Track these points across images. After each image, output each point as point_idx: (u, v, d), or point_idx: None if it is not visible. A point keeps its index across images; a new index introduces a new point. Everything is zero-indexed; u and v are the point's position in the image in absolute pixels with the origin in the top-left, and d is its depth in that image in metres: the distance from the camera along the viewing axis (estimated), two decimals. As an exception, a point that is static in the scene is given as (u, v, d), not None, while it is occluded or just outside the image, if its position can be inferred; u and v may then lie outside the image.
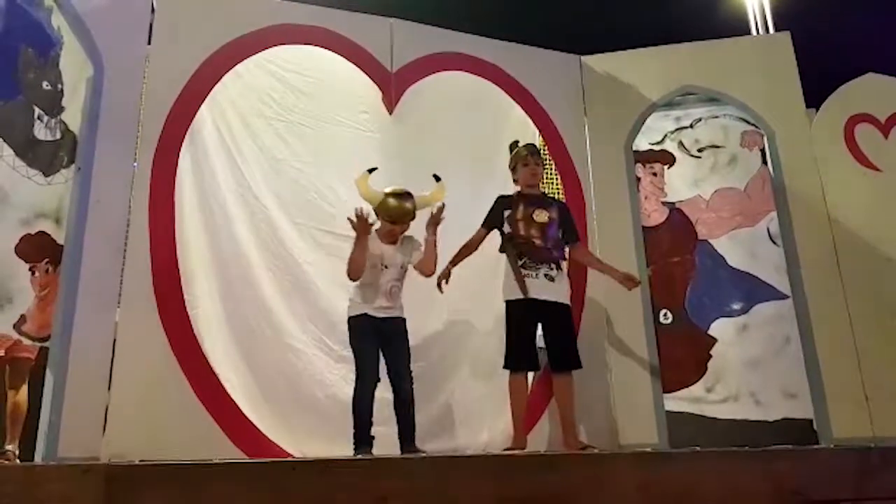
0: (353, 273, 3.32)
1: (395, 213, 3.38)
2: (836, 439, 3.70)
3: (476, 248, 3.62)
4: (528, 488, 1.86)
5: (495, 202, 3.65)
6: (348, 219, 3.27)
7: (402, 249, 3.44)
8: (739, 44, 4.56)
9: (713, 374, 4.28)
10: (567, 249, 3.67)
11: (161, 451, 2.78)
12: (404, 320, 3.40)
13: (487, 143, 4.39)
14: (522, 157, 3.69)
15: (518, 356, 3.43)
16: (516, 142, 3.82)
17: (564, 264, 3.64)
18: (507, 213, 3.59)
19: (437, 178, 3.60)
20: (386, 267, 3.37)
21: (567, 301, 3.57)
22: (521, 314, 3.45)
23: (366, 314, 3.31)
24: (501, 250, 3.58)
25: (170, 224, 3.43)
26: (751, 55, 4.50)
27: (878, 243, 4.05)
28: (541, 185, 3.83)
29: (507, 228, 3.58)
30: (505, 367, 3.45)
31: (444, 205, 3.44)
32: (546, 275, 3.48)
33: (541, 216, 3.53)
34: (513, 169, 3.74)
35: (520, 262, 3.48)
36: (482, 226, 3.63)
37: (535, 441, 3.68)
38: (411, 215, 3.42)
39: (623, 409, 3.95)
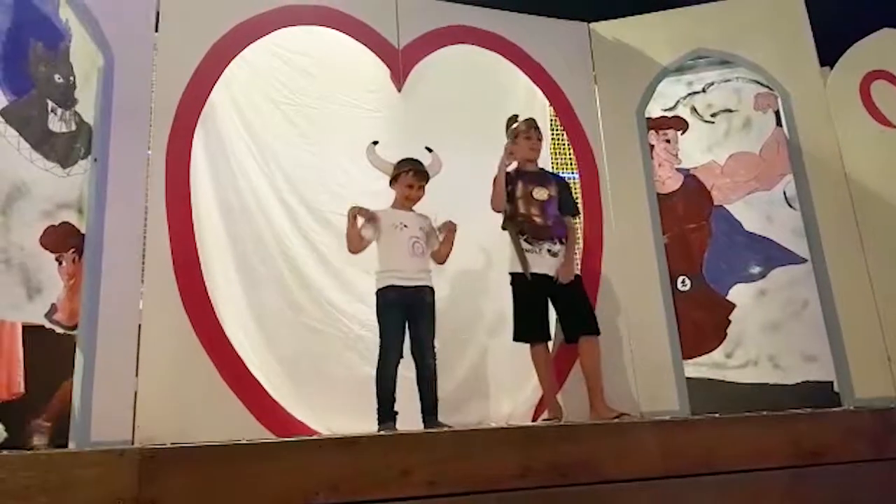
0: (350, 246, 3.39)
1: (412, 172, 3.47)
2: (858, 400, 3.69)
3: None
4: (551, 458, 1.89)
5: None
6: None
7: (418, 218, 3.48)
8: (750, 3, 4.47)
9: (733, 339, 4.28)
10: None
11: (190, 433, 2.85)
12: (432, 290, 3.41)
13: (496, 116, 4.36)
14: (524, 131, 3.66)
15: (525, 327, 3.46)
16: (515, 116, 3.78)
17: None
18: (507, 189, 3.57)
19: (430, 150, 3.63)
20: (405, 226, 3.41)
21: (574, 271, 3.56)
22: (525, 287, 3.46)
23: (392, 286, 3.32)
24: (504, 228, 3.59)
25: (187, 209, 3.46)
26: (762, 14, 4.39)
27: (897, 201, 4.00)
28: (552, 158, 3.80)
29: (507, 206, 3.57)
30: (514, 339, 3.48)
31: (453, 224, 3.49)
32: (549, 250, 3.48)
33: (540, 193, 3.53)
34: (512, 143, 3.69)
35: (521, 238, 3.48)
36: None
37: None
38: (426, 174, 3.51)
39: (643, 376, 3.96)
